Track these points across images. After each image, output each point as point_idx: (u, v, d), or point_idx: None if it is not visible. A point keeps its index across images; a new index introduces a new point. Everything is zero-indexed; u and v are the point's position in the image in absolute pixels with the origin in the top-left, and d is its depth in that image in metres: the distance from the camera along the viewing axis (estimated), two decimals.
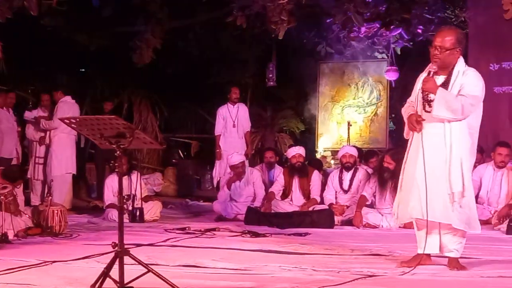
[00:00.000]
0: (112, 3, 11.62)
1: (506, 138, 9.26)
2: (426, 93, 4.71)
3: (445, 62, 4.71)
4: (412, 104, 4.87)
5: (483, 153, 9.02)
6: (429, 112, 4.68)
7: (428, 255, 4.91)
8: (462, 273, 4.62)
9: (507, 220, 7.26)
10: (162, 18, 11.86)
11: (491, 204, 8.39)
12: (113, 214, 8.28)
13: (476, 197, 8.47)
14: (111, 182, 8.83)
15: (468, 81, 4.70)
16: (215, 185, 10.59)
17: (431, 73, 4.70)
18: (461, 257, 5.23)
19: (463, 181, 4.63)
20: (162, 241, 6.32)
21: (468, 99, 4.62)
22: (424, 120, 4.69)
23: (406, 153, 4.90)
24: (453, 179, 4.63)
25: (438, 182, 4.66)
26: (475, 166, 8.83)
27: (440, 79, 4.74)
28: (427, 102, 4.71)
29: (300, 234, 7.00)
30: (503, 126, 9.88)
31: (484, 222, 8.13)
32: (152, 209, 8.71)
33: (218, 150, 10.34)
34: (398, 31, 11.80)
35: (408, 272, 4.64)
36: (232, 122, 10.26)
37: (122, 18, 12.03)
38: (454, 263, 4.80)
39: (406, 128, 4.87)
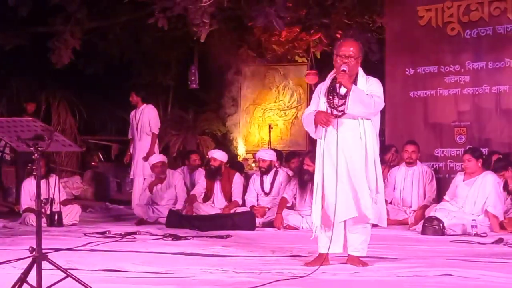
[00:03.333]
0: (29, 2, 11.33)
1: (421, 139, 9.58)
2: (332, 99, 4.90)
3: (351, 69, 4.92)
4: (314, 112, 5.00)
5: (398, 153, 9.33)
6: (338, 117, 4.86)
7: (326, 255, 5.03)
8: (380, 273, 4.73)
9: (422, 221, 7.48)
10: (81, 18, 11.66)
11: (405, 204, 8.67)
12: (31, 218, 8.10)
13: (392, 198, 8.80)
14: (28, 186, 8.63)
15: (372, 85, 4.99)
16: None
17: (345, 72, 4.86)
18: (378, 257, 5.39)
19: (376, 178, 4.89)
20: (81, 245, 6.22)
21: (375, 97, 4.88)
22: (332, 117, 4.86)
23: (320, 158, 5.02)
24: (370, 177, 4.87)
25: (359, 181, 4.86)
26: (392, 166, 9.15)
27: (344, 89, 4.91)
28: (334, 108, 4.90)
29: (221, 237, 7.01)
30: (417, 129, 10.18)
31: (400, 223, 8.41)
32: (71, 213, 8.57)
33: (128, 153, 10.36)
34: (318, 36, 12.00)
35: (327, 272, 4.74)
36: (136, 125, 10.26)
37: (39, 17, 11.76)
38: (357, 261, 4.97)
39: (312, 129, 4.99)
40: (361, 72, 5.04)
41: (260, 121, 13.62)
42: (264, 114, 13.62)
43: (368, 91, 4.91)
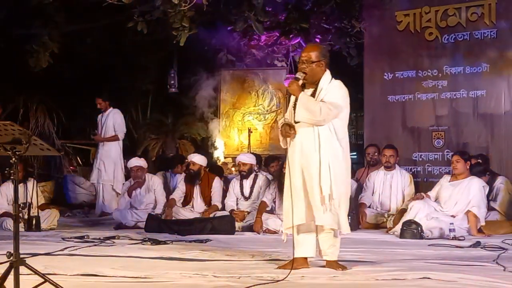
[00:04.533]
0: (6, 4, 11.24)
1: (399, 144, 9.67)
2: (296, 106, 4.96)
3: (312, 75, 4.97)
4: (287, 120, 5.10)
5: (379, 155, 9.39)
6: (299, 122, 4.96)
7: (305, 259, 5.08)
8: (358, 276, 4.75)
9: (401, 224, 7.51)
10: (60, 22, 11.59)
11: (384, 208, 8.71)
12: (8, 222, 8.04)
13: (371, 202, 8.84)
14: (5, 190, 8.57)
15: (330, 90, 4.97)
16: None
17: (299, 80, 4.96)
18: (356, 260, 5.42)
19: (331, 184, 4.86)
20: (59, 250, 6.17)
21: (326, 104, 4.87)
22: (293, 126, 4.96)
23: (287, 164, 5.12)
24: (323, 182, 4.87)
25: (311, 187, 4.91)
26: (372, 165, 9.22)
27: (308, 92, 5.01)
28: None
29: (201, 241, 7.01)
30: (396, 133, 10.27)
31: (379, 226, 8.46)
32: (49, 218, 8.50)
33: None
34: (297, 40, 12.03)
35: (307, 276, 4.75)
36: (100, 130, 10.29)
37: (17, 20, 11.66)
38: (334, 265, 5.00)
39: (280, 138, 5.10)
40: (325, 76, 5.02)
41: (240, 125, 13.60)
42: (244, 118, 13.60)
43: (325, 97, 4.91)
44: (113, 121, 10.28)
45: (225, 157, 13.44)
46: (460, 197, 7.62)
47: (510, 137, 9.50)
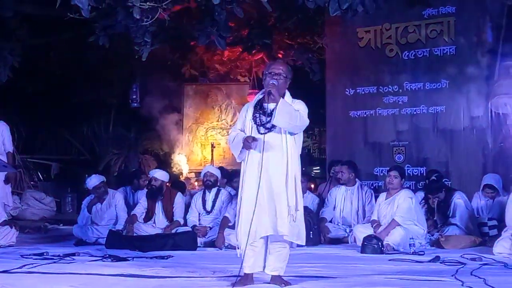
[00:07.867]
0: None
1: (361, 158, 9.76)
2: (258, 117, 5.01)
3: (280, 87, 4.99)
4: (240, 132, 5.12)
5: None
6: (264, 133, 4.95)
7: (252, 275, 5.06)
8: None
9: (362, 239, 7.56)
10: (22, 36, 11.45)
11: (345, 223, 8.76)
12: None
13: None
14: None
15: (298, 105, 5.05)
16: None
17: (275, 86, 4.96)
18: (318, 276, 5.44)
19: (296, 195, 4.90)
20: (17, 268, 6.07)
21: (301, 112, 4.96)
22: (256, 140, 4.94)
23: (243, 176, 5.04)
24: (290, 193, 4.88)
25: (279, 198, 4.88)
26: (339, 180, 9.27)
27: (271, 106, 4.97)
28: (260, 125, 4.99)
29: (162, 257, 6.96)
30: (357, 148, 10.37)
31: (340, 241, 8.51)
32: (8, 234, 8.35)
33: None
34: (260, 56, 12.11)
35: None
36: None
37: None
38: (280, 280, 4.98)
39: (238, 152, 5.06)
40: (288, 94, 5.09)
41: (203, 140, 13.61)
42: (207, 133, 13.62)
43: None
44: (2, 135, 9.88)
45: (188, 172, 13.42)
46: (391, 211, 7.77)
47: (469, 152, 9.63)
